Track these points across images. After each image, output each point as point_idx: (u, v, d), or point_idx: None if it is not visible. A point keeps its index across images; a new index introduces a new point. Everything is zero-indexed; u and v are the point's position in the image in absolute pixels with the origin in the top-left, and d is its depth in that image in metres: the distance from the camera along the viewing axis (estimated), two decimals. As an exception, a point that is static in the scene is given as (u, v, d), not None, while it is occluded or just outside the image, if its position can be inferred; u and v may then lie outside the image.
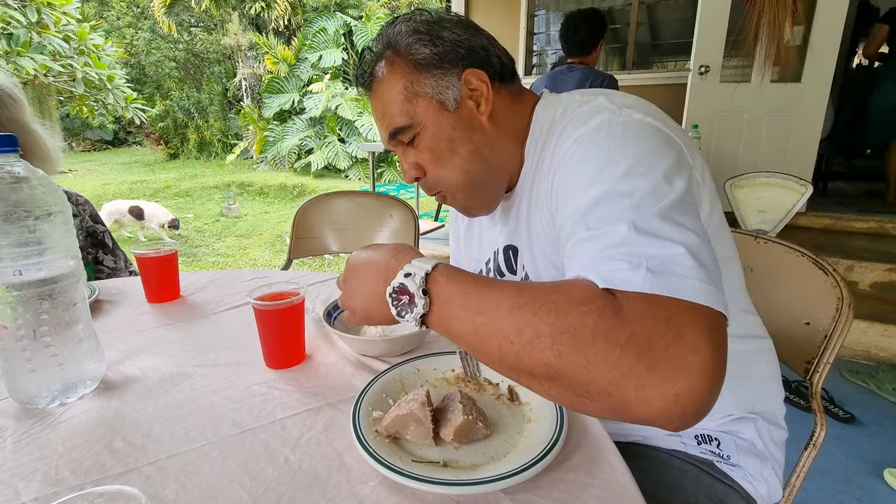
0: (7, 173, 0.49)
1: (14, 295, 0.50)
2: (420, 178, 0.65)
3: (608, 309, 0.38)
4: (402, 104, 0.61)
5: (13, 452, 0.47)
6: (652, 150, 0.49)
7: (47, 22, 4.71)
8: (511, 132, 0.65)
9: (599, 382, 0.37)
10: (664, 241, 0.41)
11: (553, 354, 0.38)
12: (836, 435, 1.69)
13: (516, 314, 0.41)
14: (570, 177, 0.52)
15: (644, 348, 0.36)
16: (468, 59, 0.61)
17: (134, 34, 12.60)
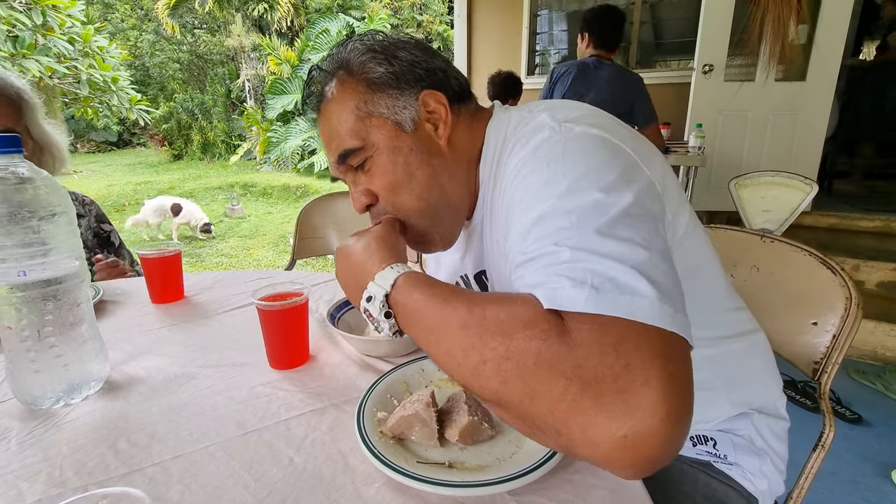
0: (11, 174, 0.49)
1: (18, 296, 0.50)
2: (372, 206, 0.61)
3: (553, 332, 0.35)
4: (354, 124, 0.57)
5: (17, 453, 0.47)
6: (594, 164, 0.46)
7: (52, 24, 4.74)
8: (466, 157, 0.62)
9: (545, 416, 0.34)
10: (608, 259, 0.38)
11: (498, 382, 0.36)
12: (843, 436, 1.67)
13: (463, 336, 0.39)
14: (513, 200, 0.50)
15: (590, 381, 0.33)
16: (426, 81, 0.59)
17: (138, 36, 12.67)
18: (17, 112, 0.95)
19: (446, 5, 11.89)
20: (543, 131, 0.50)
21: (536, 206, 0.45)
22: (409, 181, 0.58)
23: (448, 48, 11.52)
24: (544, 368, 0.34)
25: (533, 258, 0.42)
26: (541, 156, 0.48)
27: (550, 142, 0.49)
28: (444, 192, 0.60)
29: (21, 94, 0.96)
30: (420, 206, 0.60)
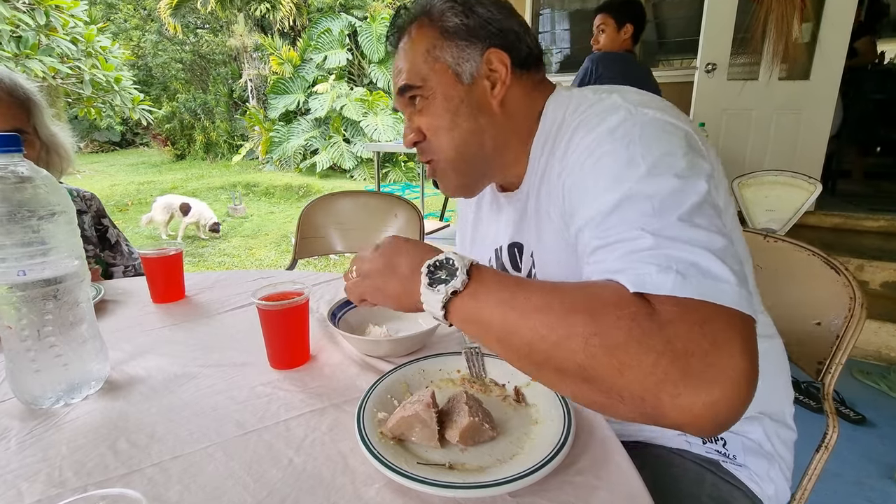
0: (11, 173, 0.49)
1: (18, 295, 0.50)
2: (418, 143, 0.65)
3: (642, 313, 0.38)
4: (420, 65, 0.61)
5: (17, 453, 0.47)
6: (670, 149, 0.48)
7: (55, 24, 4.76)
8: (518, 124, 0.63)
9: (633, 387, 0.36)
10: (690, 246, 0.41)
11: (585, 356, 0.38)
12: (847, 436, 1.66)
13: (549, 312, 0.41)
14: (587, 179, 0.51)
15: (680, 355, 0.35)
16: (496, 39, 0.61)
17: (141, 36, 12.71)
18: (27, 113, 0.96)
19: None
20: (619, 112, 0.51)
21: (615, 189, 0.46)
22: (452, 129, 0.62)
23: (450, 48, 11.49)
24: (634, 344, 0.36)
25: (612, 243, 0.44)
26: (618, 137, 0.49)
27: (627, 124, 0.50)
28: (482, 150, 0.63)
29: (30, 95, 0.97)
30: (453, 156, 0.63)
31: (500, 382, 0.58)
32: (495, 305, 0.44)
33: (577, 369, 0.39)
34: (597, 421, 0.51)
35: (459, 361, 0.62)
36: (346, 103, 9.14)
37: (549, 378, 0.42)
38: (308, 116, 9.68)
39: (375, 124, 8.96)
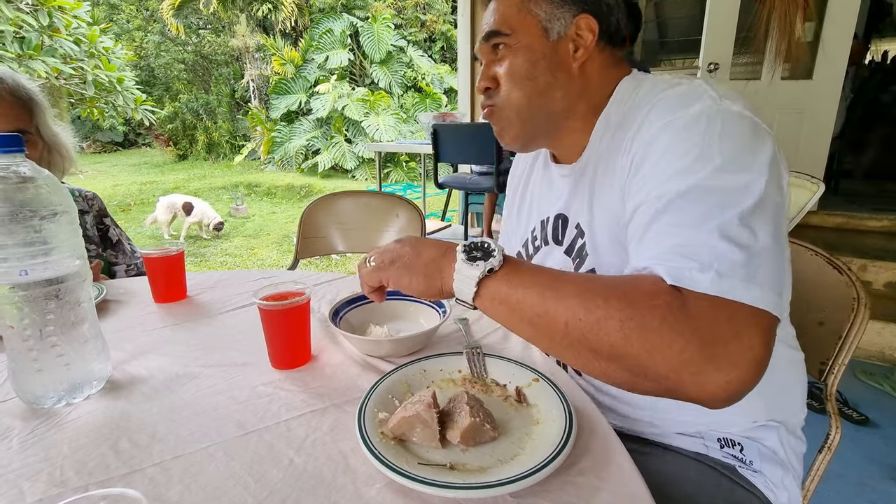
0: (13, 173, 0.49)
1: (20, 295, 0.50)
2: (489, 90, 0.67)
3: (675, 304, 0.42)
4: (512, 15, 0.63)
5: (19, 452, 0.47)
6: (748, 147, 0.49)
7: (58, 25, 4.77)
8: (588, 94, 0.65)
9: (660, 367, 0.41)
10: (739, 246, 0.44)
11: (620, 337, 0.42)
12: (850, 437, 1.66)
13: (587, 295, 0.44)
14: (659, 157, 0.51)
15: (706, 342, 0.40)
16: (589, 6, 0.62)
17: (143, 37, 12.74)
18: (29, 113, 0.97)
19: (450, 5, 11.87)
20: (703, 100, 0.52)
21: (685, 176, 0.48)
22: (527, 79, 0.63)
23: (451, 47, 11.51)
24: (666, 329, 0.41)
25: (667, 228, 0.47)
26: (700, 126, 0.50)
27: (711, 113, 0.50)
28: (550, 106, 0.65)
29: (32, 95, 0.98)
30: (521, 104, 0.65)
31: (502, 383, 0.58)
32: (532, 286, 0.47)
33: (609, 348, 0.43)
34: (598, 422, 0.51)
35: (461, 361, 0.62)
36: (348, 103, 9.16)
37: (577, 357, 0.45)
38: (310, 116, 9.70)
39: (377, 124, 8.97)
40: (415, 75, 10.43)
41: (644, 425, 0.67)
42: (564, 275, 0.48)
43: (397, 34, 10.69)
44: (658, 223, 0.48)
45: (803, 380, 0.69)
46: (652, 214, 0.49)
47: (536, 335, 0.48)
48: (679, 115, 0.52)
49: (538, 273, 0.48)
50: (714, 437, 0.65)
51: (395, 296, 0.80)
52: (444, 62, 11.63)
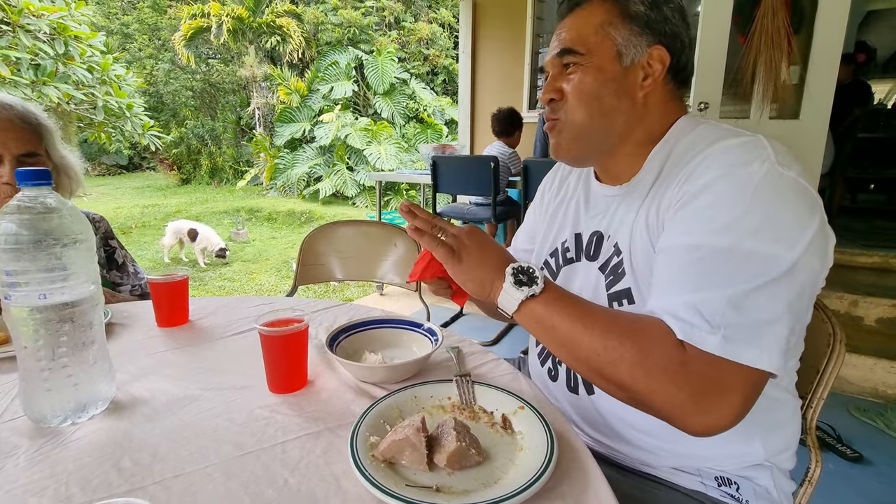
0: (40, 204, 0.53)
1: (37, 318, 0.53)
2: (554, 101, 0.69)
3: (677, 360, 0.50)
4: (589, 35, 0.65)
5: (26, 469, 0.50)
6: (794, 218, 0.52)
7: (73, 53, 4.94)
8: (647, 123, 0.68)
9: (656, 404, 0.51)
10: (753, 315, 0.49)
11: (628, 376, 0.51)
12: (843, 475, 1.65)
13: (607, 335, 0.52)
14: (707, 206, 0.55)
15: (697, 393, 0.49)
16: (665, 39, 0.65)
17: (154, 65, 13.11)
18: (39, 136, 1.03)
19: (452, 41, 12.31)
20: (763, 162, 0.54)
21: (726, 235, 0.52)
22: (594, 99, 0.66)
23: (453, 81, 11.86)
24: (665, 379, 0.50)
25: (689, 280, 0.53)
26: (753, 186, 0.53)
27: (766, 177, 0.53)
28: (610, 128, 0.68)
29: (41, 120, 1.05)
30: (584, 122, 0.67)
31: (489, 410, 0.61)
32: (565, 316, 0.55)
33: (619, 382, 0.52)
34: (579, 450, 0.53)
35: (450, 389, 0.64)
36: (351, 132, 9.36)
37: (592, 378, 0.55)
38: (313, 144, 9.89)
39: (379, 153, 9.14)
40: (417, 106, 10.71)
41: (645, 454, 0.69)
42: (594, 310, 0.56)
43: (401, 67, 11.04)
44: (686, 273, 0.53)
45: (797, 424, 0.71)
46: (685, 262, 0.54)
47: (562, 354, 0.57)
48: (737, 171, 0.54)
49: (572, 304, 0.56)
50: (711, 476, 0.66)
51: (387, 324, 0.83)
52: (445, 94, 11.96)
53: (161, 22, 13.41)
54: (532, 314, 0.57)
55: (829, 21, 2.85)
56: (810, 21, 2.91)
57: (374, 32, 12.13)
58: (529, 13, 4.07)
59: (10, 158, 0.97)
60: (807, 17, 2.92)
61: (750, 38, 3.00)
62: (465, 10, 4.35)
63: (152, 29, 13.47)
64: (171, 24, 12.92)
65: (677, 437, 0.65)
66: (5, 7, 4.26)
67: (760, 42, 2.95)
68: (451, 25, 12.59)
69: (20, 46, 4.41)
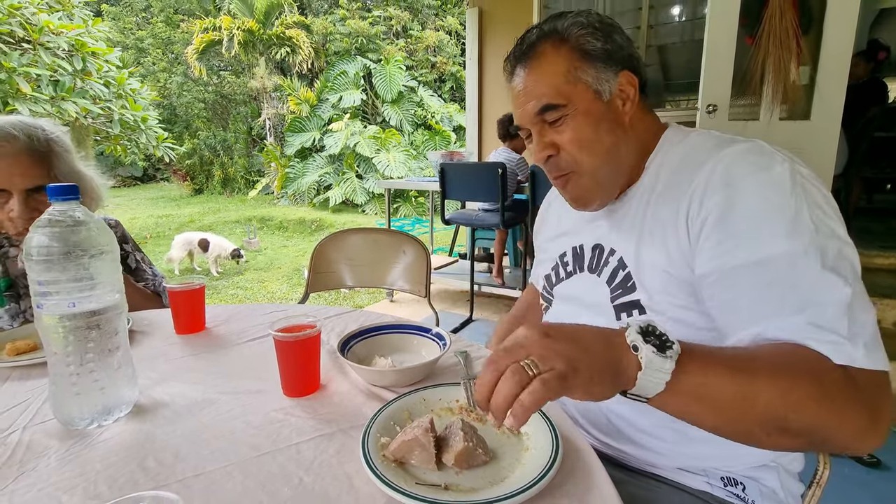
0: (69, 217, 0.56)
1: (66, 325, 0.56)
2: (552, 157, 0.69)
3: (847, 379, 0.47)
4: (562, 85, 0.65)
5: (57, 469, 0.52)
6: (829, 209, 0.54)
7: (90, 69, 5.08)
8: (639, 141, 0.70)
9: (845, 436, 0.46)
10: (863, 316, 0.50)
11: (815, 416, 0.45)
12: (860, 481, 1.63)
13: (779, 377, 0.46)
14: (748, 219, 0.55)
15: (873, 410, 0.47)
16: (626, 63, 0.68)
17: (168, 78, 13.40)
18: (48, 164, 1.00)
19: (459, 48, 12.40)
20: (780, 162, 0.56)
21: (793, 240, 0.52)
22: (597, 142, 0.67)
23: (460, 88, 11.93)
24: (851, 403, 0.46)
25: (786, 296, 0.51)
26: (786, 188, 0.54)
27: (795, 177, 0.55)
28: (621, 161, 0.69)
29: (51, 143, 1.01)
30: (596, 165, 0.67)
31: (496, 412, 0.62)
32: (724, 372, 0.45)
33: (805, 427, 0.46)
34: (583, 449, 0.55)
35: (459, 392, 0.66)
36: (360, 140, 9.46)
37: (767, 437, 0.47)
38: (323, 153, 10.01)
39: (387, 161, 9.22)
40: (425, 114, 10.80)
41: (652, 455, 0.69)
42: (733, 349, 0.51)
43: (408, 75, 11.15)
44: (779, 290, 0.51)
45: None
46: (769, 280, 0.52)
47: (727, 420, 0.46)
48: (763, 177, 0.56)
49: (715, 353, 0.47)
50: (717, 476, 0.67)
51: (396, 329, 0.85)
52: (453, 101, 12.04)
53: (174, 36, 13.72)
54: (688, 385, 0.43)
55: (838, 20, 2.84)
56: (819, 21, 2.89)
57: (381, 41, 12.28)
58: (535, 20, 4.10)
59: (18, 193, 0.96)
60: (816, 16, 2.91)
61: (758, 40, 2.99)
62: (472, 18, 4.40)
63: (166, 43, 13.78)
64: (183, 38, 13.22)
65: (683, 437, 0.66)
66: (27, 26, 4.41)
67: (769, 43, 2.95)
68: (458, 33, 12.70)
69: (40, 63, 4.55)
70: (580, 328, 0.45)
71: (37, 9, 4.60)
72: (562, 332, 0.43)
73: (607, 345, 0.44)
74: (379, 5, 13.28)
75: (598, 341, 0.44)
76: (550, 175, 0.72)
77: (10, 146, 0.95)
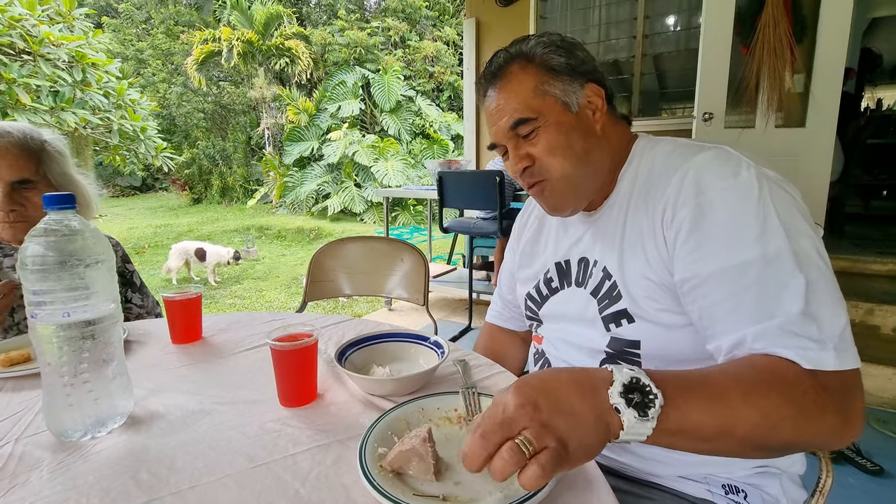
0: (65, 226, 0.56)
1: (60, 335, 0.56)
2: (528, 168, 0.71)
3: (817, 387, 0.48)
4: (531, 100, 0.68)
5: (49, 481, 0.52)
6: (797, 210, 0.56)
7: (90, 80, 5.11)
8: (611, 150, 0.73)
9: (821, 440, 0.50)
10: (834, 317, 0.51)
11: (793, 434, 0.47)
12: (864, 489, 1.61)
13: (753, 402, 0.47)
14: (720, 226, 0.57)
15: (843, 410, 0.48)
16: (590, 76, 0.71)
17: (167, 88, 13.47)
18: (36, 162, 1.03)
19: (456, 58, 12.50)
20: (749, 169, 0.59)
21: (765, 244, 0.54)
22: (569, 148, 0.69)
23: (458, 97, 12.02)
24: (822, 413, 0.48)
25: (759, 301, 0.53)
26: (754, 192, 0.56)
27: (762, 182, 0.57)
28: (593, 168, 0.71)
29: (44, 145, 1.04)
30: (569, 172, 0.70)
31: (495, 421, 0.62)
32: (705, 407, 0.45)
33: (783, 443, 0.48)
34: (584, 458, 0.54)
35: (457, 401, 0.65)
36: (358, 150, 9.50)
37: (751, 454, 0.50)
38: (321, 162, 10.04)
39: (385, 170, 9.25)
40: (423, 123, 10.86)
41: (653, 464, 0.69)
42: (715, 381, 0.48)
43: (406, 85, 11.22)
44: (753, 295, 0.53)
45: None
46: (744, 286, 0.54)
47: (711, 448, 0.47)
48: (732, 183, 0.58)
49: (694, 387, 0.46)
50: (718, 483, 0.66)
51: (394, 338, 0.84)
52: (451, 110, 12.11)
53: (174, 47, 13.81)
54: (671, 425, 0.43)
55: (831, 29, 2.87)
56: (813, 29, 2.93)
57: (380, 52, 12.37)
58: (532, 30, 4.14)
59: (3, 185, 0.98)
60: (809, 25, 2.95)
61: (752, 49, 3.02)
62: (469, 29, 4.44)
63: (165, 54, 13.87)
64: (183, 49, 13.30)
65: None
66: (27, 38, 4.43)
67: (763, 52, 2.98)
68: (456, 43, 12.81)
69: (40, 74, 4.57)
70: (566, 388, 0.42)
71: (37, 21, 4.63)
72: (550, 402, 0.41)
73: (594, 410, 0.42)
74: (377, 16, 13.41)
75: (584, 406, 0.42)
76: (526, 185, 0.74)
77: (2, 140, 0.98)
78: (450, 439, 0.58)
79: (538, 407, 0.40)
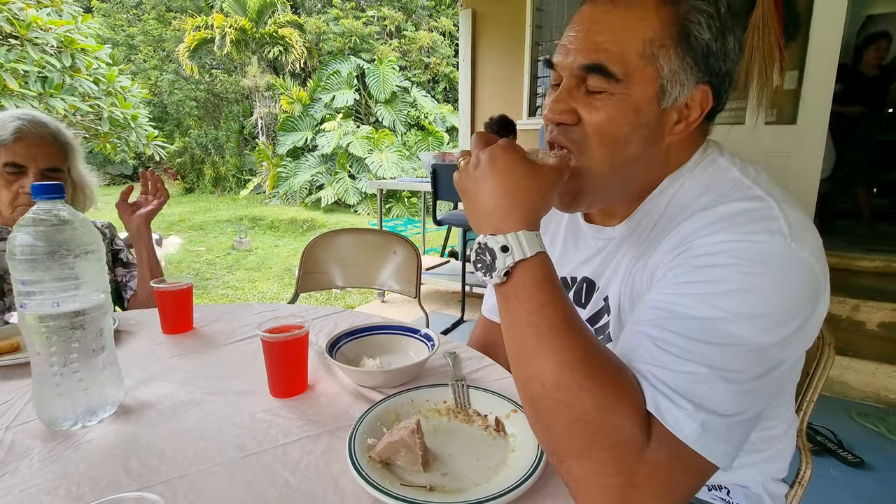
0: (54, 216, 0.56)
1: (49, 325, 0.56)
2: (565, 126, 0.55)
3: (634, 442, 0.41)
4: (632, 53, 0.51)
5: (39, 470, 0.52)
6: (790, 308, 0.45)
7: (80, 66, 5.01)
8: (660, 169, 0.59)
9: (577, 472, 0.43)
10: (731, 408, 0.43)
11: (566, 428, 0.43)
12: (844, 480, 1.65)
13: (567, 372, 0.42)
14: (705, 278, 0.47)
15: (635, 486, 0.40)
16: (715, 77, 0.54)
17: (159, 76, 13.26)
18: (65, 155, 1.13)
19: (452, 49, 12.42)
20: (773, 236, 0.46)
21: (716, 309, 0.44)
22: (621, 146, 0.54)
23: (454, 89, 11.95)
24: (611, 455, 0.41)
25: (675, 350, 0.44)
26: (759, 265, 0.45)
27: (775, 257, 0.46)
28: (629, 177, 0.58)
29: (69, 140, 1.15)
30: (606, 173, 0.56)
31: (483, 413, 0.63)
32: (522, 324, 0.46)
33: (549, 425, 0.44)
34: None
35: (446, 393, 0.66)
36: (352, 140, 9.43)
37: (525, 402, 0.48)
38: (315, 153, 9.96)
39: (380, 161, 9.20)
40: (418, 114, 10.79)
41: None
42: (576, 321, 0.45)
43: (402, 76, 11.13)
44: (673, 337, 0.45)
45: (793, 434, 0.72)
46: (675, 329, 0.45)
47: (507, 339, 0.48)
48: (741, 243, 0.46)
49: (542, 309, 0.45)
50: None
51: (385, 330, 0.85)
52: (446, 102, 12.05)
53: (166, 33, 13.58)
54: (502, 305, 0.47)
55: (825, 26, 2.89)
56: (806, 26, 2.94)
57: (375, 41, 12.25)
58: (528, 22, 4.12)
59: (35, 171, 1.06)
60: (803, 22, 2.96)
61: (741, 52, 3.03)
62: (465, 19, 4.41)
63: (157, 40, 13.64)
64: (175, 36, 13.09)
65: None
66: (14, 22, 4.34)
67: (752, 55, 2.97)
68: (452, 34, 12.71)
69: (28, 60, 4.47)
70: (519, 186, 0.49)
71: (25, 4, 4.53)
72: (501, 171, 0.49)
73: (488, 207, 0.49)
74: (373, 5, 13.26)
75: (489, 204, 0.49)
76: (549, 140, 0.58)
77: (41, 129, 1.08)
78: (438, 431, 0.59)
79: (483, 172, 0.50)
